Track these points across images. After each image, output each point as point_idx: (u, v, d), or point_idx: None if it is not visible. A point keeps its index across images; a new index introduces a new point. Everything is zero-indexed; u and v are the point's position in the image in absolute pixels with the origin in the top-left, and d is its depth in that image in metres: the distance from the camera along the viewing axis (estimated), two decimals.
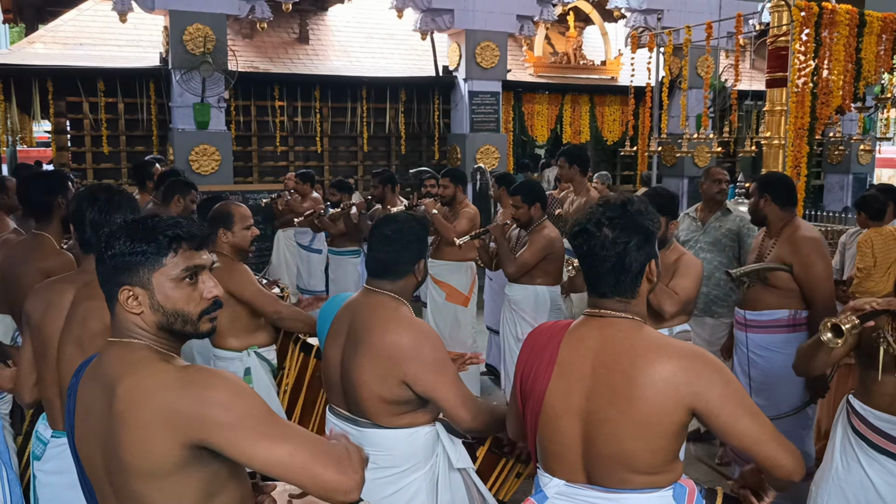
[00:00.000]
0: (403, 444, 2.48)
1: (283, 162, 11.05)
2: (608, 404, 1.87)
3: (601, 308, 1.98)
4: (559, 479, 1.98)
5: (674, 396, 1.83)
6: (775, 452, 1.86)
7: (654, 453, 1.87)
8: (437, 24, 10.70)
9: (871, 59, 7.11)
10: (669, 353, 1.87)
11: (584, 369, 1.92)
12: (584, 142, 12.69)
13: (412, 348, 2.39)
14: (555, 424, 1.96)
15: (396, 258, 2.53)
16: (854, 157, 12.96)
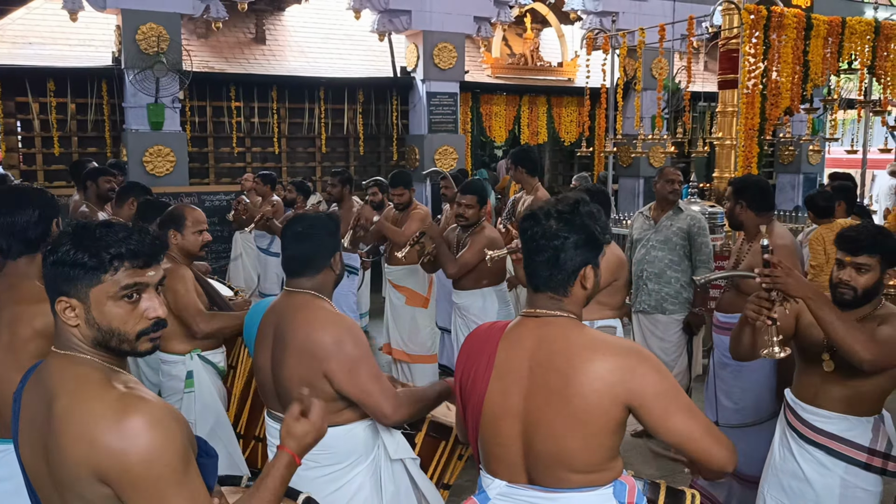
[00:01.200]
0: (343, 441, 2.48)
1: (240, 163, 10.94)
2: (545, 404, 1.88)
3: (537, 307, 1.99)
4: (501, 480, 1.99)
5: (609, 393, 1.83)
6: (709, 447, 1.88)
7: (592, 451, 1.88)
8: (395, 25, 10.69)
9: (818, 61, 7.30)
10: (604, 350, 1.88)
11: (522, 370, 1.93)
12: (541, 142, 12.79)
13: (334, 344, 2.40)
14: (495, 426, 1.97)
15: (311, 253, 2.55)
16: (804, 157, 13.27)
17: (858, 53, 7.61)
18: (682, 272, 4.95)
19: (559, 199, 2.02)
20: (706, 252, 4.89)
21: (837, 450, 2.74)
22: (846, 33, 7.42)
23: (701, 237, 4.91)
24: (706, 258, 4.89)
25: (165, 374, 3.62)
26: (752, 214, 3.94)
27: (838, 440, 2.74)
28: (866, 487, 2.73)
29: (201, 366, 3.58)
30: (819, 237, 5.20)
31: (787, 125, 8.80)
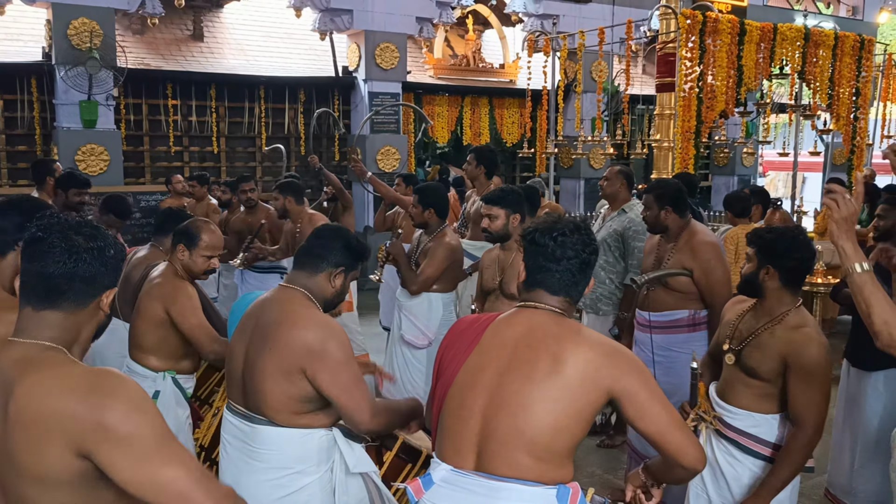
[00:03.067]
0: (296, 445, 2.45)
1: (178, 162, 10.71)
2: (525, 379, 1.94)
3: (538, 300, 2.08)
4: (448, 464, 2.01)
5: (594, 377, 1.93)
6: (683, 441, 1.97)
7: (558, 432, 1.91)
8: (336, 24, 10.61)
9: (751, 66, 7.50)
10: (593, 341, 2.01)
11: (505, 349, 2.02)
12: (483, 143, 12.85)
13: (318, 343, 2.39)
14: (460, 397, 2.02)
15: (320, 251, 2.58)
16: (738, 159, 13.62)
17: (789, 59, 7.84)
18: (617, 274, 4.87)
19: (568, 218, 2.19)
20: (638, 256, 4.73)
21: (745, 444, 2.84)
22: (778, 39, 7.64)
23: (634, 241, 4.78)
24: (638, 262, 4.71)
25: None
26: (677, 217, 3.98)
27: (745, 436, 2.84)
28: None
29: (171, 389, 3.42)
30: (733, 236, 5.33)
31: (722, 128, 9.03)
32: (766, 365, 2.76)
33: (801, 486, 4.52)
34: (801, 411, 2.68)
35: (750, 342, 2.83)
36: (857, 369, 4.21)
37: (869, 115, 9.52)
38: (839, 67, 8.22)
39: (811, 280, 6.51)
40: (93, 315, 1.69)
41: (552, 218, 2.15)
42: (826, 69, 8.11)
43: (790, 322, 2.75)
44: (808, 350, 2.66)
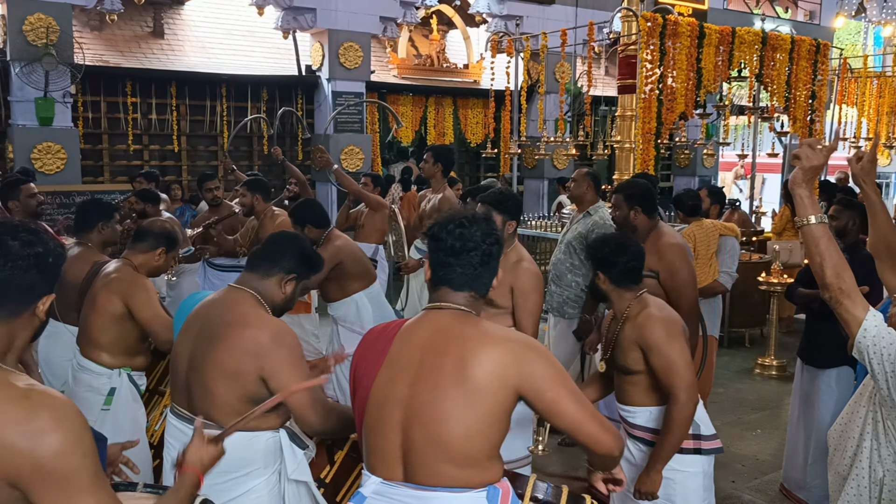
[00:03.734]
0: (241, 449, 2.42)
1: (137, 161, 10.56)
2: (434, 387, 1.90)
3: (444, 300, 2.03)
4: (377, 476, 2.00)
5: (501, 377, 1.89)
6: (597, 430, 1.95)
7: (472, 438, 1.89)
8: (300, 22, 10.55)
9: (711, 68, 7.60)
10: (498, 338, 1.96)
11: (412, 358, 1.97)
12: (448, 143, 12.86)
13: (271, 343, 2.37)
14: (378, 414, 1.99)
15: (273, 255, 2.57)
16: (699, 160, 13.81)
17: (747, 62, 7.97)
18: (584, 276, 4.84)
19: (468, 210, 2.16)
20: None
21: (649, 439, 2.97)
22: (736, 42, 7.75)
23: None
24: None
25: (83, 384, 3.42)
26: (646, 218, 4.00)
27: (649, 431, 2.98)
28: (684, 469, 2.95)
29: (127, 385, 3.43)
30: (690, 234, 5.39)
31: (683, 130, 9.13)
32: (630, 358, 2.94)
33: (757, 482, 4.63)
34: (665, 380, 2.84)
35: (613, 344, 3.02)
36: (810, 367, 4.30)
37: (825, 117, 9.71)
38: (796, 71, 8.37)
39: (768, 279, 6.64)
40: (28, 322, 1.62)
41: (452, 211, 2.11)
42: (783, 72, 8.25)
43: (633, 312, 2.96)
44: (648, 327, 2.86)
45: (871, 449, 2.23)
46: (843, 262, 2.20)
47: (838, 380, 4.13)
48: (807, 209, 2.22)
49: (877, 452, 2.22)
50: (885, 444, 2.19)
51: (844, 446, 2.35)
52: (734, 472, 4.79)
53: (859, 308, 2.14)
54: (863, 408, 2.32)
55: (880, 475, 2.21)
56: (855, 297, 2.15)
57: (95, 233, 4.08)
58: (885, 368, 2.08)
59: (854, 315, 2.13)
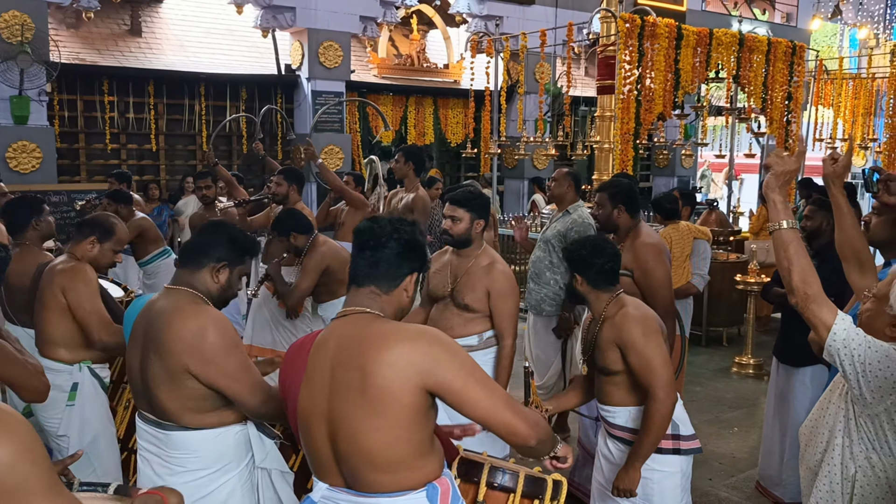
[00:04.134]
0: (211, 445, 2.42)
1: (115, 160, 10.45)
2: (344, 401, 1.88)
3: (351, 304, 2.02)
4: (324, 483, 2.00)
5: (402, 378, 1.83)
6: (510, 419, 1.91)
7: (392, 446, 1.86)
8: (279, 21, 10.51)
9: (688, 70, 7.67)
10: (395, 337, 1.89)
11: (325, 372, 1.94)
12: (428, 143, 12.87)
13: (193, 337, 2.33)
14: (306, 428, 1.98)
15: (200, 247, 2.53)
16: (678, 161, 13.92)
17: (725, 63, 8.04)
18: (562, 274, 4.86)
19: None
20: None
21: (628, 438, 3.00)
22: (713, 44, 7.83)
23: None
24: None
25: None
26: (629, 217, 4.04)
27: (628, 431, 3.01)
28: (662, 469, 2.98)
29: (89, 379, 3.40)
30: (667, 236, 5.45)
31: (661, 130, 9.19)
32: (609, 358, 2.97)
33: (733, 480, 4.67)
34: (644, 379, 2.87)
35: (593, 345, 3.04)
36: (785, 366, 4.34)
37: (802, 118, 9.82)
38: (772, 72, 8.47)
39: (745, 279, 6.70)
40: None
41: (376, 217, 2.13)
42: (760, 74, 8.34)
43: (610, 313, 3.00)
44: (626, 327, 2.90)
45: (843, 446, 2.25)
46: (810, 268, 2.22)
47: (813, 378, 4.17)
48: (779, 214, 2.25)
49: (849, 449, 2.24)
50: (857, 440, 2.21)
51: (815, 443, 2.38)
52: (711, 469, 4.83)
53: (826, 312, 2.15)
54: (833, 405, 2.34)
55: (852, 471, 2.23)
56: (822, 302, 2.17)
57: (31, 230, 3.97)
58: (857, 369, 2.10)
59: (822, 319, 2.15)
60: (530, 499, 2.29)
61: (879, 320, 2.21)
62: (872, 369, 2.08)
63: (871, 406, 2.14)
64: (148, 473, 2.52)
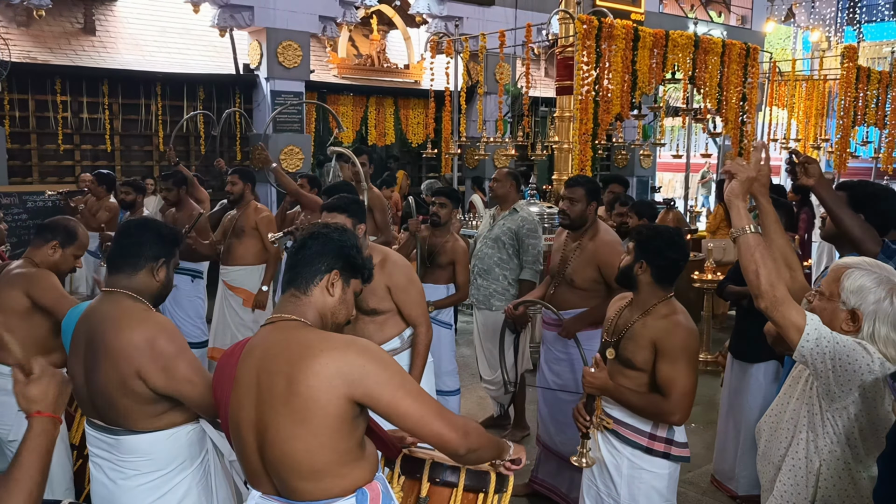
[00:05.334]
0: (164, 446, 2.40)
1: (69, 161, 10.25)
2: (269, 409, 1.87)
3: (280, 311, 2.02)
4: (257, 491, 1.99)
5: (328, 388, 1.82)
6: (440, 430, 1.90)
7: (316, 454, 1.85)
8: (237, 20, 10.38)
9: (645, 71, 7.75)
10: (322, 346, 1.87)
11: (251, 379, 1.93)
12: (389, 143, 12.84)
13: (144, 342, 2.31)
14: (236, 439, 1.98)
15: (132, 251, 2.47)
16: (637, 161, 14.06)
17: (681, 65, 8.15)
18: (511, 270, 5.06)
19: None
20: (533, 253, 5.00)
21: (623, 434, 2.99)
22: (670, 46, 7.93)
23: (529, 238, 5.01)
24: (532, 259, 5.02)
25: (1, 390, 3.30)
26: (595, 214, 4.17)
27: (623, 425, 2.99)
28: (651, 469, 2.97)
29: None
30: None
31: (620, 131, 9.30)
32: (639, 354, 2.92)
33: (690, 475, 4.73)
34: (665, 384, 2.86)
35: (625, 334, 2.99)
36: (739, 362, 4.42)
37: (756, 118, 10.00)
38: (727, 74, 8.60)
39: (702, 277, 6.80)
40: None
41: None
42: (715, 75, 8.47)
43: (660, 312, 2.94)
44: (675, 334, 2.86)
45: (807, 440, 2.29)
46: (777, 271, 2.26)
47: (766, 374, 4.26)
48: (742, 220, 2.29)
49: (813, 444, 2.28)
50: (822, 435, 2.25)
51: (778, 438, 2.42)
52: None
53: (795, 314, 2.17)
54: (796, 400, 2.38)
55: (817, 465, 2.27)
56: (790, 304, 2.19)
57: None
58: (828, 366, 2.14)
59: (792, 321, 2.16)
60: (475, 492, 2.30)
61: (835, 319, 2.26)
62: (842, 363, 2.13)
63: (839, 399, 2.19)
64: (101, 479, 2.48)
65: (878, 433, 2.22)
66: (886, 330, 2.19)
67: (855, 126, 11.69)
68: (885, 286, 2.21)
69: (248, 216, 5.65)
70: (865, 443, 2.22)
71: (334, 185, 4.84)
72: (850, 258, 2.43)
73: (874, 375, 2.13)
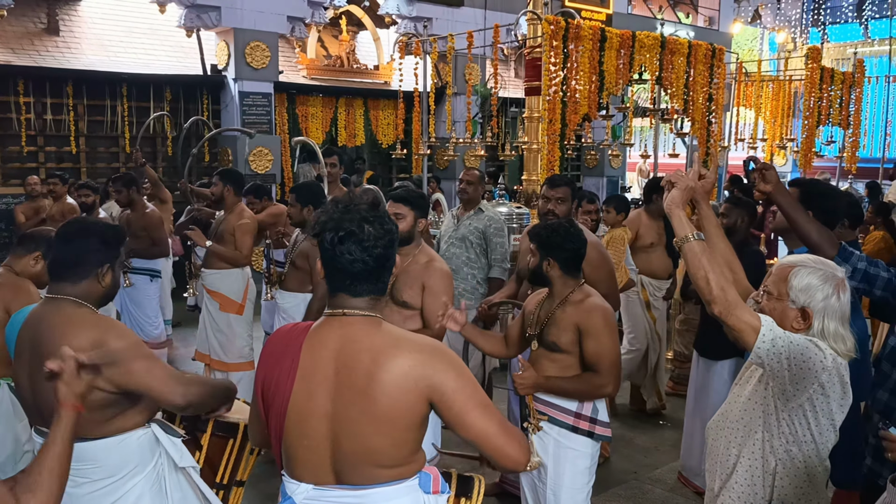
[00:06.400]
0: (114, 453, 2.37)
1: (32, 163, 10.08)
2: (350, 404, 1.88)
3: (346, 307, 1.96)
4: (307, 483, 1.96)
5: (413, 389, 1.87)
6: (504, 444, 1.93)
7: (399, 447, 1.92)
8: (203, 21, 10.29)
9: (613, 71, 7.78)
10: (408, 347, 1.92)
11: (327, 371, 1.91)
12: (359, 144, 12.79)
13: (94, 346, 2.26)
14: (301, 428, 1.94)
15: (77, 258, 2.41)
16: (607, 161, 14.15)
17: (647, 65, 8.20)
18: (479, 269, 5.13)
19: (353, 206, 1.98)
20: (500, 252, 5.09)
21: (549, 414, 3.16)
22: (636, 46, 7.97)
23: (496, 237, 5.08)
24: (500, 258, 5.10)
25: None
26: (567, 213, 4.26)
27: (549, 406, 3.18)
28: (576, 448, 3.18)
29: (8, 397, 3.32)
30: (619, 237, 5.63)
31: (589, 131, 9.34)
32: (564, 337, 3.14)
33: (657, 472, 4.77)
34: (594, 360, 3.12)
35: (548, 323, 3.20)
36: (704, 359, 4.46)
37: (723, 119, 10.10)
38: (694, 74, 8.67)
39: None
40: None
41: (338, 212, 1.95)
42: (681, 76, 8.53)
43: (575, 298, 3.20)
44: (593, 315, 3.13)
45: (763, 440, 2.31)
46: (725, 276, 2.28)
47: (731, 371, 4.30)
48: (685, 228, 2.32)
49: (769, 443, 2.30)
50: (777, 435, 2.27)
51: (727, 438, 2.43)
52: (636, 463, 4.92)
53: (749, 316, 2.19)
54: (746, 400, 2.40)
55: (773, 465, 2.29)
56: (743, 307, 2.21)
57: None
58: (783, 365, 2.16)
59: (748, 323, 2.18)
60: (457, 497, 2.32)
61: (785, 318, 2.29)
62: (797, 362, 2.15)
63: (794, 399, 2.21)
64: None
65: (833, 428, 2.26)
66: (835, 325, 2.24)
67: (819, 126, 11.85)
68: (832, 282, 2.26)
69: (229, 221, 5.56)
70: (821, 437, 2.25)
71: (300, 184, 4.85)
72: (793, 256, 2.47)
73: (827, 371, 2.17)
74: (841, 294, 2.25)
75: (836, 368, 2.18)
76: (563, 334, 3.14)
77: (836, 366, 2.19)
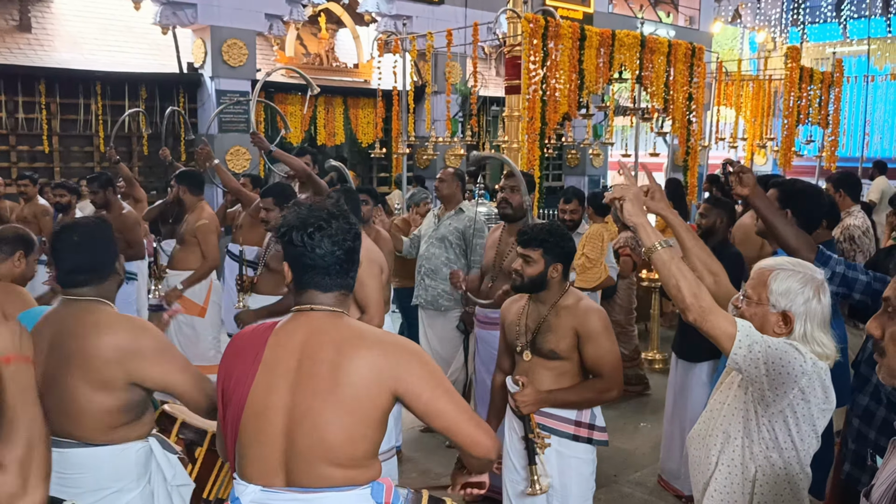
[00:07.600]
0: (111, 462, 2.34)
1: (4, 163, 9.92)
2: (312, 395, 1.87)
3: (314, 303, 1.97)
4: (256, 485, 1.92)
5: (377, 381, 1.87)
6: (474, 431, 1.94)
7: (355, 443, 1.88)
8: (179, 18, 10.15)
9: (592, 70, 7.73)
10: (372, 339, 1.93)
11: (290, 363, 1.91)
12: (339, 143, 12.68)
13: (132, 343, 2.30)
14: (256, 423, 1.92)
15: (94, 264, 2.43)
16: (588, 160, 14.12)
17: (627, 64, 8.16)
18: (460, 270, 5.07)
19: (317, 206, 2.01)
20: (480, 252, 5.03)
21: (549, 425, 3.07)
22: (616, 45, 7.92)
23: (477, 238, 5.04)
24: (480, 258, 5.03)
25: None
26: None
27: (548, 416, 3.08)
28: (578, 456, 3.12)
29: None
30: (597, 233, 5.58)
31: (569, 130, 9.29)
32: (562, 342, 3.05)
33: (637, 475, 4.72)
34: (596, 364, 3.04)
35: (540, 330, 3.10)
36: (683, 361, 4.42)
37: (704, 118, 10.09)
38: (674, 73, 8.64)
39: (650, 276, 6.82)
40: None
41: (303, 211, 1.98)
42: (661, 75, 8.50)
43: (568, 302, 3.12)
44: (590, 318, 3.05)
45: (742, 447, 2.27)
46: (696, 281, 2.23)
47: (710, 373, 4.26)
48: (650, 237, 2.28)
49: (748, 450, 2.26)
50: (757, 441, 2.23)
51: (708, 446, 2.38)
52: (616, 465, 4.87)
53: (724, 321, 2.14)
54: (726, 406, 2.35)
55: (752, 472, 2.25)
56: (718, 312, 2.16)
57: None
58: (762, 371, 2.11)
59: (723, 330, 2.13)
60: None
61: (766, 322, 2.24)
62: (775, 366, 2.10)
63: (774, 404, 2.16)
64: None
65: (815, 434, 2.21)
66: (817, 329, 2.20)
67: (799, 125, 11.88)
68: (812, 285, 2.22)
69: (189, 222, 5.52)
70: (802, 443, 2.21)
71: (272, 186, 4.77)
72: (771, 259, 2.42)
73: (807, 376, 2.12)
74: (821, 297, 2.22)
75: (817, 373, 2.14)
76: (562, 340, 3.05)
77: (817, 370, 2.14)
